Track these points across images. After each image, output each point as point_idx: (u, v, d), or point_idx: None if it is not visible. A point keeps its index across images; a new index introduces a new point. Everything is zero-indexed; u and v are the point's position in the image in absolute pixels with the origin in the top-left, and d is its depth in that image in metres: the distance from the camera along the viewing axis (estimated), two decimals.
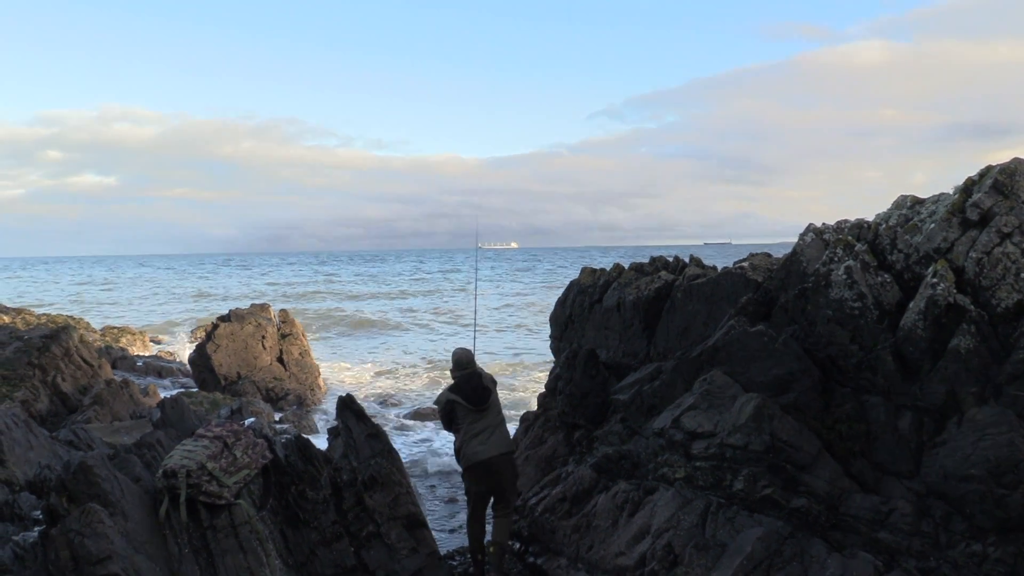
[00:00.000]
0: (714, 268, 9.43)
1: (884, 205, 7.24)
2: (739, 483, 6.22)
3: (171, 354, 25.82)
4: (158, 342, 28.57)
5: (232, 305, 27.84)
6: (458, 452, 7.44)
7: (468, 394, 7.40)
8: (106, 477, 4.84)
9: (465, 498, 7.81)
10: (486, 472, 7.28)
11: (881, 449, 6.08)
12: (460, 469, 7.55)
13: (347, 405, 7.06)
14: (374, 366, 24.36)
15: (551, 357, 11.57)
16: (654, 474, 6.95)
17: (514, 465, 7.62)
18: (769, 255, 8.87)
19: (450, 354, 7.95)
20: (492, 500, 7.46)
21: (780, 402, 6.43)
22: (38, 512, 5.63)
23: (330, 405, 17.74)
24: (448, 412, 7.49)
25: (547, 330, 11.30)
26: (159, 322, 39.32)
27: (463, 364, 7.65)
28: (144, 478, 5.31)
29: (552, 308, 11.19)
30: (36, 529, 5.17)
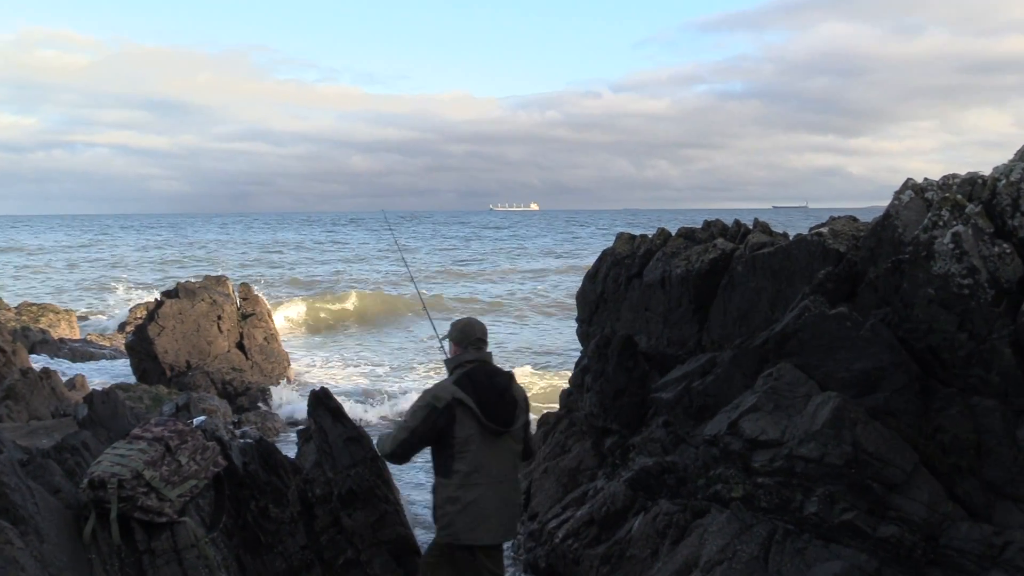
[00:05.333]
0: (784, 235, 9.36)
1: (1006, 158, 7.11)
2: (812, 505, 6.18)
3: (105, 337, 26.03)
4: (86, 320, 28.82)
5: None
6: (438, 508, 5.55)
7: (484, 399, 5.40)
8: (16, 488, 4.83)
9: None
10: (475, 559, 5.48)
11: (994, 466, 6.01)
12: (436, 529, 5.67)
13: (321, 401, 7.05)
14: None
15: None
16: (704, 492, 6.93)
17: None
18: (855, 219, 8.77)
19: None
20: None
21: (866, 404, 6.37)
22: None
23: (301, 402, 17.82)
24: (438, 419, 5.37)
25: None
26: (89, 298, 39.65)
27: (475, 338, 5.65)
28: (65, 489, 5.31)
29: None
30: None
